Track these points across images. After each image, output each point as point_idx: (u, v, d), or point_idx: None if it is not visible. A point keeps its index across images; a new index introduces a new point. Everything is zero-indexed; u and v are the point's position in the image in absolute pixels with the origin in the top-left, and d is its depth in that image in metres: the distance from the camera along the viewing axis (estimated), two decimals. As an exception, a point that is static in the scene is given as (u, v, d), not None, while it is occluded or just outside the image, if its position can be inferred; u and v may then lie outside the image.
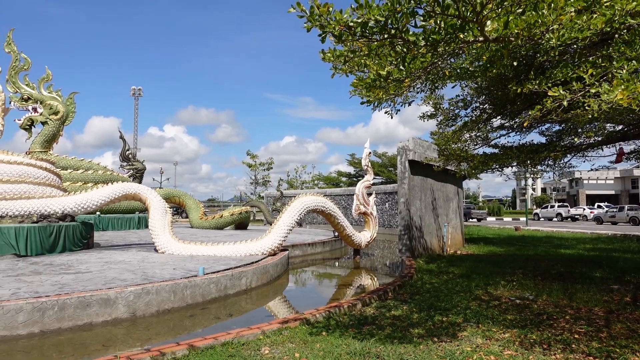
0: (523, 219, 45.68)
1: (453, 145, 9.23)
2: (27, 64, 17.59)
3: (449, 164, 10.58)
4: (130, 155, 23.56)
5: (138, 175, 22.71)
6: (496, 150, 9.57)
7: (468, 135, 9.57)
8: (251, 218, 27.85)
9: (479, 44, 4.13)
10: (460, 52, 4.50)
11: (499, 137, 9.67)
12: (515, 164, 9.13)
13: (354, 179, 49.20)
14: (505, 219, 49.93)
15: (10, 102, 13.78)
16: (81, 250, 10.47)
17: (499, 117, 9.27)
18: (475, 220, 43.85)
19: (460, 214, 16.38)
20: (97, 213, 17.40)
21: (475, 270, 9.24)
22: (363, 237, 13.07)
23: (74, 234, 10.31)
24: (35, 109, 17.89)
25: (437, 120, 9.91)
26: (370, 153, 13.73)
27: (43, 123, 18.01)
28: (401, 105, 5.74)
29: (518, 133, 9.58)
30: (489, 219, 49.08)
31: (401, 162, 12.15)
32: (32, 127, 18.11)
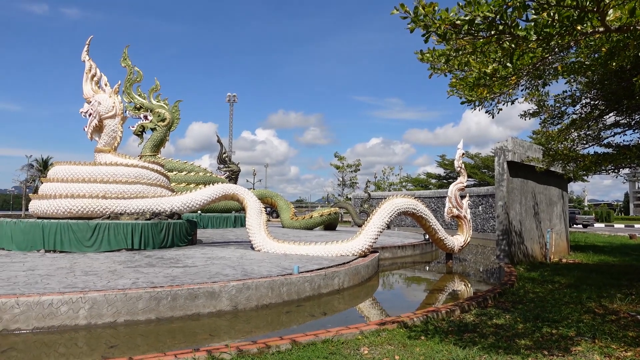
0: (638, 225, 40.94)
1: (559, 145, 8.55)
2: (140, 76, 19.55)
3: (554, 165, 9.83)
4: (226, 158, 25.04)
5: (234, 177, 24.06)
6: (610, 150, 8.71)
7: (576, 134, 8.83)
8: (339, 219, 28.14)
9: (598, 35, 3.80)
10: (573, 45, 4.17)
11: (613, 136, 8.79)
12: (635, 164, 8.23)
13: (444, 181, 47.62)
14: (617, 225, 45.16)
15: (126, 111, 15.24)
16: (186, 246, 11.33)
17: (613, 113, 8.43)
18: (580, 226, 40.26)
19: (565, 219, 15.13)
20: (199, 212, 18.69)
21: (585, 280, 8.48)
22: (456, 241, 12.61)
23: (180, 231, 11.19)
24: (146, 117, 19.81)
25: (541, 119, 9.26)
26: (463, 154, 13.22)
27: (152, 129, 19.89)
28: (503, 104, 5.46)
29: (637, 130, 8.63)
30: (597, 225, 44.75)
31: (499, 163, 11.53)
32: (143, 133, 20.07)
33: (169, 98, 20.53)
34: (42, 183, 11.20)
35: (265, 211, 11.51)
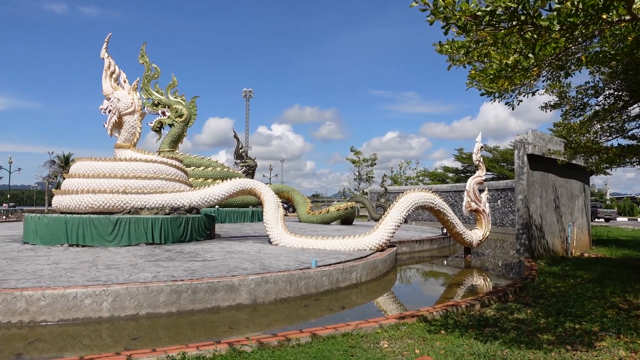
0: (663, 220, 39.94)
1: (581, 137, 8.37)
2: (157, 72, 19.71)
3: (576, 157, 9.63)
4: (243, 153, 25.20)
5: (250, 172, 24.20)
6: (634, 142, 8.50)
7: (599, 126, 8.64)
8: (356, 214, 28.09)
9: (624, 24, 3.70)
10: (597, 34, 4.07)
11: (638, 127, 8.57)
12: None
13: (462, 175, 47.10)
14: (640, 219, 44.10)
15: (144, 108, 15.40)
16: (205, 240, 11.46)
17: (638, 104, 8.21)
18: (602, 220, 39.45)
19: (587, 213, 14.84)
20: (216, 206, 18.86)
21: (609, 275, 8.32)
22: (474, 235, 12.48)
23: (199, 225, 11.32)
24: (164, 113, 20.01)
25: (562, 111, 9.08)
26: (482, 147, 13.05)
27: (170, 125, 20.09)
28: (524, 96, 5.36)
29: (663, 122, 8.41)
30: (619, 219, 43.78)
31: (519, 156, 11.35)
32: (162, 129, 20.29)
33: (186, 94, 20.69)
34: (64, 179, 11.43)
35: (282, 206, 11.55)
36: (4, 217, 33.00)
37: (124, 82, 11.86)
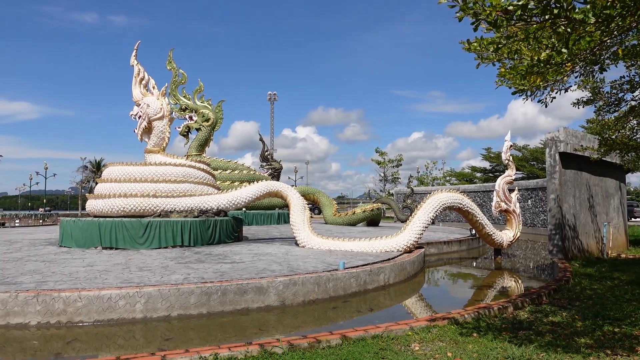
0: None
1: (616, 134, 8.09)
2: (184, 78, 20.11)
3: (610, 155, 9.31)
4: (268, 156, 25.40)
5: (276, 174, 24.37)
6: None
7: (635, 122, 8.32)
8: (382, 215, 27.90)
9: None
10: (635, 26, 3.92)
11: (678, 123, 8.22)
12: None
13: (490, 175, 46.20)
14: (680, 219, 42.22)
15: (172, 113, 15.68)
16: (233, 242, 11.58)
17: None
18: (639, 219, 38.01)
19: (623, 212, 14.32)
20: (243, 209, 19.06)
21: (648, 277, 8.00)
22: (505, 236, 12.21)
23: (227, 228, 11.46)
24: (191, 117, 20.38)
25: (595, 107, 8.79)
26: (511, 146, 12.75)
27: (197, 129, 20.44)
28: (556, 92, 5.21)
29: None
30: (658, 218, 42.03)
31: (550, 154, 11.05)
32: (189, 133, 20.66)
33: (213, 98, 21.01)
34: (96, 184, 11.76)
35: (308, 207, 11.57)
36: (40, 220, 34.21)
37: (153, 88, 12.13)
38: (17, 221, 31.07)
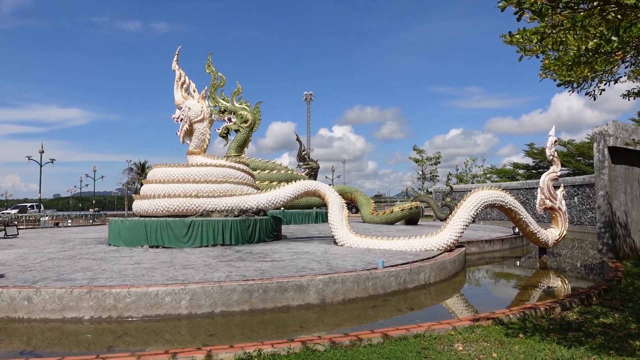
0: None
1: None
2: (223, 81, 20.51)
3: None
4: (305, 155, 25.55)
5: (313, 174, 24.49)
6: None
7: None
8: (420, 214, 27.50)
9: None
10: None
11: None
12: None
13: (533, 171, 44.66)
14: None
15: (212, 115, 16.02)
16: (272, 241, 11.74)
17: None
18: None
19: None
20: (282, 208, 19.26)
21: None
22: (550, 234, 11.77)
23: (266, 227, 11.63)
24: (229, 119, 20.77)
25: (648, 98, 8.31)
26: (555, 141, 12.28)
27: (236, 131, 20.82)
28: (605, 84, 4.98)
29: None
30: None
31: (598, 149, 10.57)
32: (228, 134, 21.07)
33: (250, 100, 21.34)
34: (142, 185, 12.21)
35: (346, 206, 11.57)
36: (90, 220, 35.84)
37: (194, 91, 12.47)
38: (69, 221, 32.69)
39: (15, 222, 21.64)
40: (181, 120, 12.15)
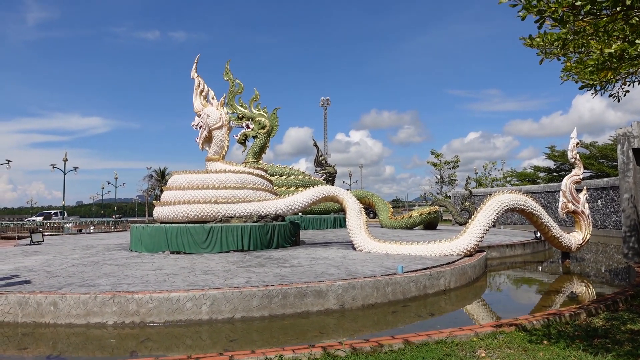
0: None
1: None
2: (241, 88, 20.70)
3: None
4: (323, 161, 25.59)
5: (330, 179, 24.51)
6: None
7: None
8: (439, 218, 27.25)
9: None
10: None
11: None
12: None
13: (554, 174, 43.82)
14: None
15: (230, 122, 16.16)
16: (291, 246, 11.78)
17: None
18: None
19: None
20: (300, 213, 19.31)
21: None
22: (573, 238, 11.54)
23: (285, 232, 11.68)
24: (247, 126, 20.96)
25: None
26: (577, 143, 12.06)
27: (254, 137, 20.98)
28: (629, 85, 4.89)
29: None
30: None
31: (622, 151, 10.36)
32: (246, 141, 21.26)
33: (268, 106, 21.48)
34: (162, 191, 12.39)
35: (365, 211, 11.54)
36: (112, 227, 36.49)
37: (212, 99, 12.63)
38: (91, 227, 33.33)
39: (41, 229, 22.15)
40: (200, 128, 12.31)
